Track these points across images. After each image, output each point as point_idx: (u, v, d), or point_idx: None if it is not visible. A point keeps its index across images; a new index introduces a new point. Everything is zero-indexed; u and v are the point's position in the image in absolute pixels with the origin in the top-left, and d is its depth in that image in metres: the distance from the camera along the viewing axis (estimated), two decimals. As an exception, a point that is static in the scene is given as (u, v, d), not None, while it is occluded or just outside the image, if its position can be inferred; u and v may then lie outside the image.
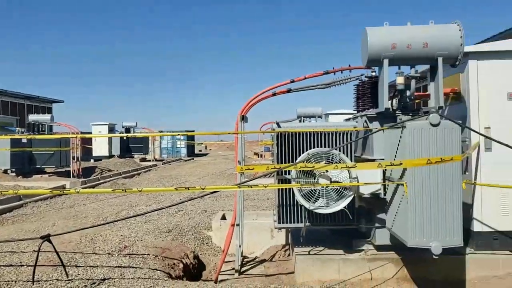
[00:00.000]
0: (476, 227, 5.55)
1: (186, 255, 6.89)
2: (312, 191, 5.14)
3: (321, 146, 5.49)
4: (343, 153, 5.35)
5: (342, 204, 5.16)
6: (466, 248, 5.47)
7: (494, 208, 5.54)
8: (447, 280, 5.04)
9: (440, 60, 5.06)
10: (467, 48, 5.33)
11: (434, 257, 4.43)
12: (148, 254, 6.23)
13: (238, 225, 5.94)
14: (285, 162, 5.44)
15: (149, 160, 31.93)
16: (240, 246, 5.99)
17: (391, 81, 5.34)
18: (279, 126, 5.63)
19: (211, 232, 8.46)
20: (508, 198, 5.51)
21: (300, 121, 11.64)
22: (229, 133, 6.34)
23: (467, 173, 5.63)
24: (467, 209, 5.53)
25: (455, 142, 4.54)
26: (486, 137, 5.36)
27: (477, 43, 6.57)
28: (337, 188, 5.15)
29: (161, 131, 32.71)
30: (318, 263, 5.35)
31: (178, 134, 8.24)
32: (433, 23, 5.11)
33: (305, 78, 6.05)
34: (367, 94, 5.89)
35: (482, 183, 5.46)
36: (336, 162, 5.11)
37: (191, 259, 6.94)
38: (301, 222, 5.45)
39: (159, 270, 5.73)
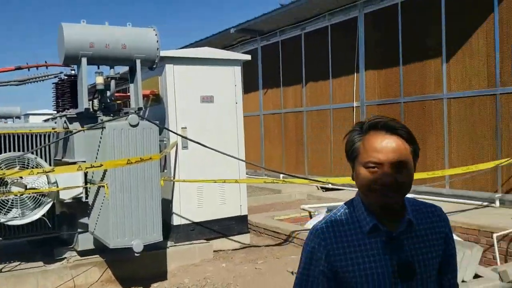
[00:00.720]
0: (176, 220, 5.96)
1: None
2: (3, 201, 4.57)
3: (14, 150, 4.92)
4: (41, 157, 4.93)
5: (40, 212, 4.78)
6: (167, 241, 5.80)
7: (191, 201, 6.07)
8: (151, 275, 5.22)
9: (138, 62, 5.21)
10: (164, 53, 5.66)
11: (136, 254, 4.53)
12: None
13: None
14: (-32, 170, 4.64)
15: None
16: None
17: (94, 83, 5.21)
18: (-43, 128, 4.76)
19: None
20: (203, 192, 6.12)
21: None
22: None
23: (165, 170, 5.99)
24: (167, 204, 5.88)
25: (153, 142, 4.74)
26: (182, 136, 5.80)
27: (178, 49, 7.06)
28: (33, 196, 4.71)
29: None
30: (12, 280, 4.76)
31: None
32: (131, 25, 5.22)
33: (-8, 73, 5.30)
34: (67, 93, 5.59)
35: (179, 180, 5.90)
36: (32, 167, 4.66)
37: None
38: (-10, 237, 4.76)
39: None
